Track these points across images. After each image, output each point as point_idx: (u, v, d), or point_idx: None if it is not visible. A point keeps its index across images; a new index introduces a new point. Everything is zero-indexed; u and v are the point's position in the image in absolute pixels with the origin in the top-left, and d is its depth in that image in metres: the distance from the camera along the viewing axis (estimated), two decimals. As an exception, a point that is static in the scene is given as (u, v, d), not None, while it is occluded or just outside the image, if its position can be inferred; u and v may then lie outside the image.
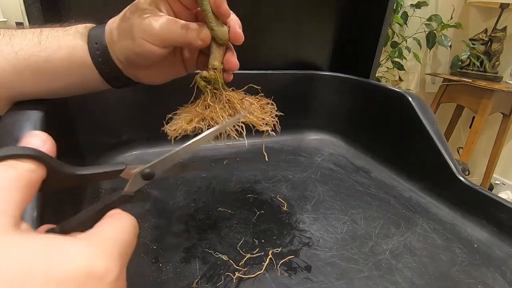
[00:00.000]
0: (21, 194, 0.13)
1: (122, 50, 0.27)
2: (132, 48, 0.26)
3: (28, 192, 0.14)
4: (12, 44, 0.26)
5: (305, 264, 0.32)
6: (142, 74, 0.30)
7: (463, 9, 1.45)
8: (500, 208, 0.39)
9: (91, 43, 0.27)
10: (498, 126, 1.44)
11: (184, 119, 0.28)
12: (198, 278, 0.29)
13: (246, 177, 0.49)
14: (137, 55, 0.26)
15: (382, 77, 1.34)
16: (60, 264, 0.12)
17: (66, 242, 0.12)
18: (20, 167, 0.14)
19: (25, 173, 0.14)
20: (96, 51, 0.27)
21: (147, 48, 0.26)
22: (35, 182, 0.14)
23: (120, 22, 0.27)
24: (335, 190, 0.48)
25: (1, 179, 0.13)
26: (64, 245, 0.12)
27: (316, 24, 0.68)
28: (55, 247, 0.12)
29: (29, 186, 0.14)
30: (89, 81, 0.29)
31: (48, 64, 0.26)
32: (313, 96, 0.68)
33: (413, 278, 0.32)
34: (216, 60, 0.28)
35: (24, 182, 0.13)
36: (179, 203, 0.41)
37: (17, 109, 0.28)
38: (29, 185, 0.14)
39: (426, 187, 0.49)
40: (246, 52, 0.33)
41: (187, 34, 0.26)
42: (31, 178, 0.14)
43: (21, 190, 0.13)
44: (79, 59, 0.27)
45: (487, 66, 1.39)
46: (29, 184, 0.14)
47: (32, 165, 0.14)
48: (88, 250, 0.13)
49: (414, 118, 0.50)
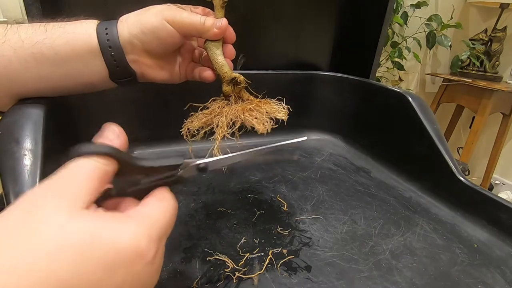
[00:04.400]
0: (94, 183, 0.16)
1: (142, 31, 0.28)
2: (156, 31, 0.28)
3: (102, 182, 0.17)
4: (19, 33, 0.26)
5: (305, 264, 0.32)
6: (145, 66, 0.30)
7: (463, 9, 1.45)
8: (500, 208, 0.39)
9: (100, 28, 0.28)
10: (498, 126, 1.44)
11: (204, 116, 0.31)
12: (198, 278, 0.29)
13: (246, 177, 0.49)
14: (157, 38, 0.28)
15: (382, 77, 1.34)
16: (113, 239, 0.15)
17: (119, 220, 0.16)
18: (96, 162, 0.16)
19: (100, 166, 0.16)
20: (105, 34, 0.27)
21: (170, 31, 0.28)
22: (109, 174, 0.17)
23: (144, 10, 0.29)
24: (335, 190, 0.48)
25: (80, 169, 0.16)
26: (117, 223, 0.15)
27: (316, 24, 0.68)
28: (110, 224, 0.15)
29: (102, 177, 0.17)
30: (92, 72, 0.29)
31: (52, 50, 0.26)
32: (313, 96, 0.68)
33: (413, 278, 0.32)
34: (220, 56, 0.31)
35: (98, 173, 0.16)
36: (179, 203, 0.41)
37: (18, 108, 0.28)
38: (103, 176, 0.17)
39: (426, 187, 0.49)
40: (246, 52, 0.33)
41: (205, 22, 0.29)
42: (105, 171, 0.17)
43: (95, 179, 0.16)
44: (84, 44, 0.27)
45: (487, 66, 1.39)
46: (102, 176, 0.16)
47: (106, 160, 0.17)
48: (136, 230, 0.16)
49: (414, 118, 0.50)
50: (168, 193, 0.20)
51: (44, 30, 0.26)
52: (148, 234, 0.16)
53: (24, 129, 0.26)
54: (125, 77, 0.30)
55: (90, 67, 0.28)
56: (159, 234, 0.17)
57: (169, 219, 0.18)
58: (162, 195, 0.19)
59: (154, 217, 0.17)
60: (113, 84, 0.31)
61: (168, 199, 0.19)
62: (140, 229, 0.16)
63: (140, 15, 0.29)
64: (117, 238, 0.15)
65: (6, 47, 0.25)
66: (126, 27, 0.28)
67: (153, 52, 0.30)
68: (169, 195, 0.19)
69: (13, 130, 0.26)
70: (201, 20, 0.29)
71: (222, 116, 0.30)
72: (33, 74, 0.27)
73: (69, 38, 0.27)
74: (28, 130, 0.26)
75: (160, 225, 0.17)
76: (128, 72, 0.30)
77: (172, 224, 0.19)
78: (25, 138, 0.25)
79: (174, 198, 0.20)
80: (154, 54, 0.30)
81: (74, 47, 0.27)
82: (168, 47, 0.30)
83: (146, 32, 0.28)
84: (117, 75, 0.30)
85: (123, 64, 0.29)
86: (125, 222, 0.16)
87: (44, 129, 0.27)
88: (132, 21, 0.28)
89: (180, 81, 0.34)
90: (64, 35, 0.27)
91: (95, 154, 0.17)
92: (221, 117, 0.30)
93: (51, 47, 0.26)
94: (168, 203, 0.19)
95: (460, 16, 1.45)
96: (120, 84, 0.31)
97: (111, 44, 0.27)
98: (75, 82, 0.29)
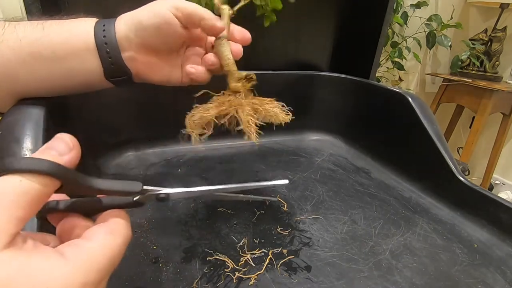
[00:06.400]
0: (24, 211, 0.13)
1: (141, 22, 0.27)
2: (158, 23, 0.27)
3: (33, 207, 0.14)
4: (17, 32, 0.26)
5: (305, 264, 0.32)
6: (142, 65, 0.30)
7: (463, 9, 1.45)
8: (500, 208, 0.39)
9: (98, 25, 0.27)
10: (498, 126, 1.44)
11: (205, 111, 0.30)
12: (198, 278, 0.29)
13: (246, 177, 0.49)
14: (157, 29, 0.28)
15: (382, 77, 1.34)
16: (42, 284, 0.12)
17: (50, 263, 0.13)
18: (29, 182, 0.13)
19: (35, 186, 0.13)
20: (102, 30, 0.27)
21: (173, 22, 0.27)
22: (44, 197, 0.14)
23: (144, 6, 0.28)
24: (335, 190, 0.48)
25: (6, 194, 0.13)
26: (47, 266, 0.13)
27: (316, 24, 0.68)
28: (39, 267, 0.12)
29: (35, 201, 0.14)
30: (88, 70, 0.28)
31: (50, 49, 0.26)
32: (313, 96, 0.68)
33: (413, 278, 0.32)
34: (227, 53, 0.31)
35: (30, 197, 0.13)
36: (179, 203, 0.41)
37: (18, 108, 0.28)
38: (35, 201, 0.14)
39: (426, 187, 0.49)
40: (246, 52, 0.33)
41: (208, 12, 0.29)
42: (40, 193, 0.14)
43: (25, 206, 0.13)
44: (82, 42, 0.27)
45: (487, 66, 1.39)
46: (35, 200, 0.14)
47: (44, 179, 0.14)
48: (68, 277, 0.13)
49: (414, 119, 0.50)
50: (122, 222, 0.17)
51: (41, 28, 0.26)
52: (83, 282, 0.13)
53: (24, 129, 0.26)
54: (120, 75, 0.29)
55: (87, 65, 0.28)
56: (97, 278, 0.14)
57: (115, 257, 0.15)
58: (114, 225, 0.16)
59: (95, 259, 0.14)
60: (109, 84, 0.30)
61: (119, 231, 0.16)
62: (73, 276, 0.13)
63: (139, 9, 0.28)
64: (46, 282, 0.12)
65: (5, 47, 0.25)
66: (123, 22, 0.28)
67: (153, 47, 0.29)
68: (121, 226, 0.17)
69: (13, 129, 0.26)
70: (205, 10, 0.29)
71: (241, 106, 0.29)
72: (32, 73, 0.27)
73: (66, 36, 0.26)
74: (28, 129, 0.26)
75: (101, 268, 0.14)
76: (123, 71, 0.29)
77: (118, 259, 0.16)
78: (26, 137, 0.25)
79: (129, 227, 0.17)
80: (153, 50, 0.29)
81: (71, 45, 0.27)
82: (167, 39, 0.29)
83: (146, 23, 0.27)
84: (112, 73, 0.29)
85: (118, 62, 0.28)
86: (57, 265, 0.13)
87: (44, 128, 0.27)
88: (130, 16, 0.28)
89: (180, 84, 0.33)
90: (61, 33, 0.26)
91: (31, 172, 0.13)
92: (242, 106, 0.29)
93: (49, 45, 0.26)
94: (118, 237, 0.16)
95: (460, 16, 1.44)
96: (116, 83, 0.30)
97: (107, 40, 0.27)
98: (73, 81, 0.29)
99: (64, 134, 0.16)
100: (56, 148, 0.15)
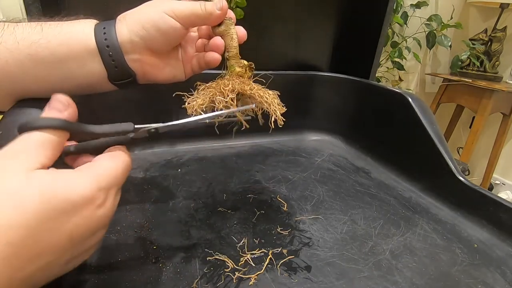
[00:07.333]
0: (46, 150, 0.19)
1: (143, 27, 0.27)
2: (157, 24, 0.28)
3: (54, 150, 0.19)
4: (15, 34, 0.25)
5: (305, 264, 0.32)
6: (148, 66, 0.30)
7: (463, 9, 1.45)
8: (500, 208, 0.39)
9: (98, 28, 0.27)
10: (498, 126, 1.44)
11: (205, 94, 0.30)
12: (198, 278, 0.29)
13: (246, 177, 0.49)
14: (159, 33, 0.28)
15: (382, 77, 1.34)
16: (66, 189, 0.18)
17: (71, 174, 0.19)
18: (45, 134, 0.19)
19: (50, 137, 0.19)
20: (103, 34, 0.27)
21: (172, 24, 0.28)
22: (60, 143, 0.20)
23: (143, 6, 0.29)
24: (335, 190, 0.48)
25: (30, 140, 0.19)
26: (69, 176, 0.18)
27: (316, 24, 0.68)
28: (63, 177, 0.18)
29: (55, 146, 0.19)
30: (89, 73, 0.28)
31: (48, 51, 0.26)
32: (313, 96, 0.68)
33: (413, 278, 0.32)
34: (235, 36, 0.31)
35: (51, 144, 0.19)
36: (179, 203, 0.41)
37: (18, 108, 0.28)
38: (55, 146, 0.19)
39: (426, 187, 0.49)
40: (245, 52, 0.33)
41: (206, 7, 0.29)
42: (56, 141, 0.20)
43: (46, 148, 0.19)
44: (81, 44, 0.27)
45: (487, 66, 1.39)
46: (55, 146, 0.19)
47: (56, 132, 0.19)
48: (85, 180, 0.19)
49: (414, 119, 0.50)
50: (121, 151, 0.22)
51: (40, 30, 0.26)
52: (97, 183, 0.19)
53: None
54: (125, 78, 0.29)
55: (88, 68, 0.28)
56: (108, 183, 0.20)
57: (120, 172, 0.21)
58: (115, 152, 0.22)
59: (103, 169, 0.20)
60: (113, 86, 0.30)
61: (119, 155, 0.21)
62: (88, 179, 0.19)
63: (138, 12, 0.28)
64: (69, 187, 0.18)
65: (3, 49, 0.25)
66: (125, 26, 0.28)
67: (156, 48, 0.29)
68: (120, 152, 0.22)
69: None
70: (201, 6, 0.28)
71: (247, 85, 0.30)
72: (30, 75, 0.26)
73: (65, 38, 0.26)
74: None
75: (109, 176, 0.20)
76: (127, 73, 0.29)
77: (123, 176, 0.21)
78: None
79: (128, 155, 0.22)
80: (157, 50, 0.29)
81: (70, 47, 0.26)
82: (171, 41, 0.29)
83: (148, 28, 0.27)
84: (116, 76, 0.29)
85: (122, 65, 0.28)
86: (76, 175, 0.19)
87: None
88: (131, 19, 0.28)
89: (186, 78, 0.33)
90: (60, 35, 0.26)
91: (44, 128, 0.19)
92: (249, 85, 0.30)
93: (47, 47, 0.26)
94: (118, 159, 0.21)
95: (460, 16, 1.44)
96: (120, 86, 0.30)
97: (109, 43, 0.27)
98: (73, 83, 0.28)
99: (59, 95, 0.21)
100: (56, 108, 0.21)
